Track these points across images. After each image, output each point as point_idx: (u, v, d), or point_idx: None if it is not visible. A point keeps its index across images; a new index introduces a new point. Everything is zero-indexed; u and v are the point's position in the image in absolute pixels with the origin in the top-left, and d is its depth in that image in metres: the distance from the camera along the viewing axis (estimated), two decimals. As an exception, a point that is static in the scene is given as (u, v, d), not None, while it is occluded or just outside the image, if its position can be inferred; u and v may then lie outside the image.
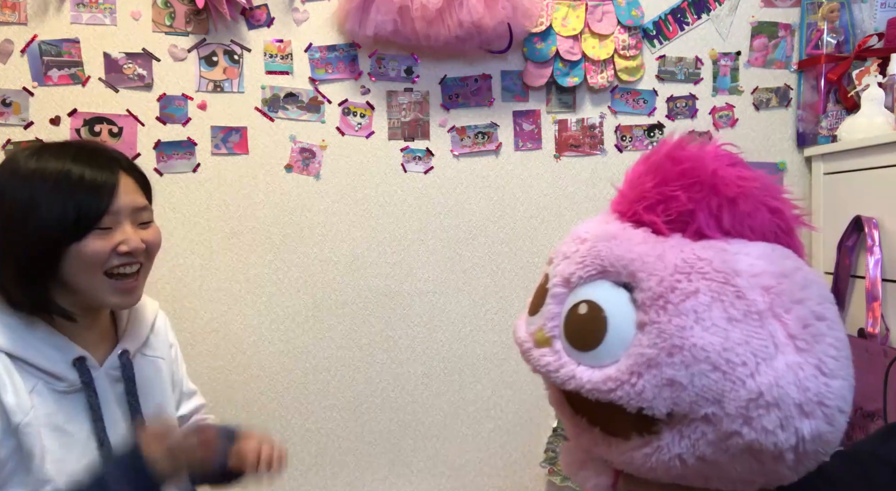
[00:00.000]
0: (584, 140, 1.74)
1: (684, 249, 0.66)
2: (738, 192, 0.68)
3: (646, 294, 0.64)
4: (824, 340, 0.62)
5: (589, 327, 0.67)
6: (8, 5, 1.53)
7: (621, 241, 0.70)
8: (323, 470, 1.71)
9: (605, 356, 0.65)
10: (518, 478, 1.78)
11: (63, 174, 0.95)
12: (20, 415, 0.93)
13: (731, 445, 0.61)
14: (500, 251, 1.73)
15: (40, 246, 0.94)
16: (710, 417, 0.61)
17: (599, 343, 0.66)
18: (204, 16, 1.60)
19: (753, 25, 1.76)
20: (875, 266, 1.43)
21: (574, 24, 1.68)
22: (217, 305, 1.65)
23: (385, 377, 1.72)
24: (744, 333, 0.61)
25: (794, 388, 0.60)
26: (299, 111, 1.65)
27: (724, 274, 0.63)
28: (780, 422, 0.60)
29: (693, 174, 0.69)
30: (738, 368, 0.60)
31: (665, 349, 0.62)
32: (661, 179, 0.70)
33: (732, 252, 0.66)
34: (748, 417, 0.60)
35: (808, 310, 0.63)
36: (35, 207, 0.93)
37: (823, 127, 1.70)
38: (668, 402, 0.62)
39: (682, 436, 0.63)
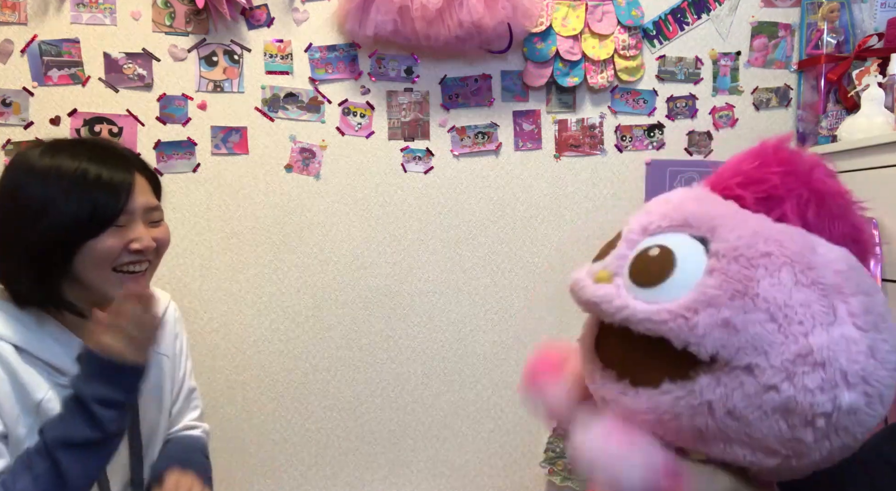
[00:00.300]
0: (584, 140, 1.74)
1: (767, 222, 0.70)
2: (829, 193, 0.71)
3: (722, 245, 0.66)
4: (882, 332, 0.64)
5: (655, 266, 0.68)
6: (8, 5, 1.53)
7: (709, 202, 0.73)
8: (323, 470, 1.71)
9: (664, 294, 0.67)
10: (518, 478, 1.78)
11: (79, 173, 0.96)
12: (41, 392, 0.94)
13: (766, 401, 0.62)
14: (500, 251, 1.73)
15: (57, 242, 0.95)
16: (752, 367, 0.63)
17: (663, 281, 0.67)
18: (204, 16, 1.60)
19: (753, 25, 1.76)
20: (875, 266, 1.43)
21: (574, 24, 1.68)
22: (217, 305, 1.65)
23: (385, 377, 1.72)
24: (807, 297, 0.63)
25: (844, 356, 0.61)
26: (299, 111, 1.65)
27: (801, 246, 0.66)
28: (821, 383, 0.61)
29: (791, 164, 0.72)
30: (795, 325, 0.62)
31: (728, 292, 0.63)
32: (762, 163, 0.74)
33: (812, 238, 0.69)
34: (791, 372, 0.61)
35: (872, 302, 0.65)
36: (51, 205, 0.94)
37: (823, 127, 1.70)
38: (717, 343, 0.63)
39: (718, 383, 0.64)
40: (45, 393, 0.95)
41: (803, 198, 0.71)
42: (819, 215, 0.71)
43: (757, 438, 0.64)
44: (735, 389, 0.63)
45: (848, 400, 0.61)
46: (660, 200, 0.77)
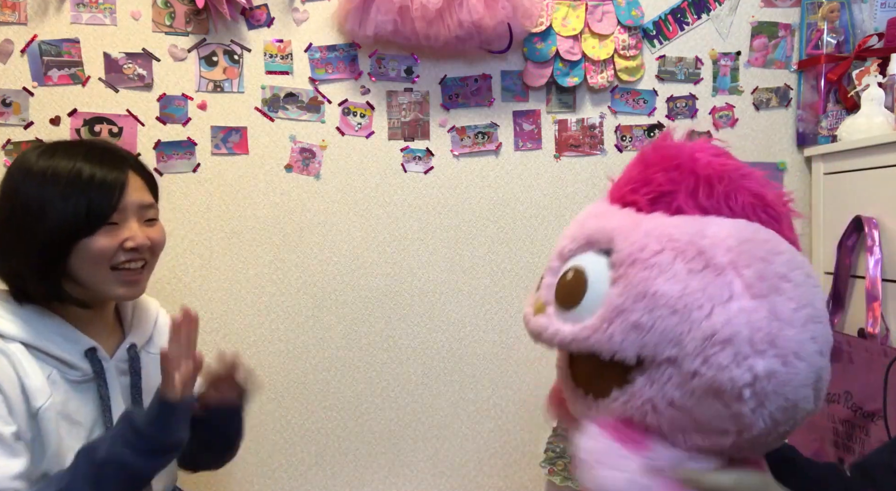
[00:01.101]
0: (584, 140, 1.74)
1: (659, 220, 0.74)
2: (715, 173, 0.75)
3: (619, 254, 0.72)
4: (783, 293, 0.68)
5: (572, 288, 0.75)
6: (8, 5, 1.53)
7: (606, 216, 0.78)
8: (323, 470, 1.71)
9: (584, 312, 0.73)
10: (518, 478, 1.78)
11: (74, 173, 0.97)
12: (41, 399, 0.95)
13: (695, 387, 0.67)
14: (500, 251, 1.73)
15: (53, 241, 0.96)
16: (672, 359, 0.68)
17: (580, 301, 0.74)
18: (204, 16, 1.60)
19: (753, 25, 1.76)
20: (875, 266, 1.43)
21: (574, 24, 1.68)
22: (217, 305, 1.65)
23: (385, 377, 1.72)
24: (702, 282, 0.68)
25: (745, 327, 0.65)
26: (299, 111, 1.65)
27: (690, 235, 0.70)
28: (733, 357, 0.65)
29: (673, 159, 0.76)
30: (695, 312, 0.67)
31: (631, 297, 0.69)
32: (645, 165, 0.78)
33: (705, 222, 0.73)
34: (705, 355, 0.66)
35: (769, 268, 0.69)
36: (47, 205, 0.96)
37: (823, 127, 1.70)
38: (635, 345, 0.69)
39: (651, 381, 0.70)
40: (44, 401, 0.95)
41: (691, 186, 0.74)
42: (711, 197, 0.74)
43: (703, 423, 0.69)
44: (666, 383, 0.69)
45: (763, 367, 0.64)
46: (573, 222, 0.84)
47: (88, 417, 1.02)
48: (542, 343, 0.78)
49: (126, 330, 1.12)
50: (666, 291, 0.68)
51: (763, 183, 0.77)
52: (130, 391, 1.09)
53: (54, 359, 0.99)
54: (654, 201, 0.76)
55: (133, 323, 1.13)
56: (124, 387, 1.08)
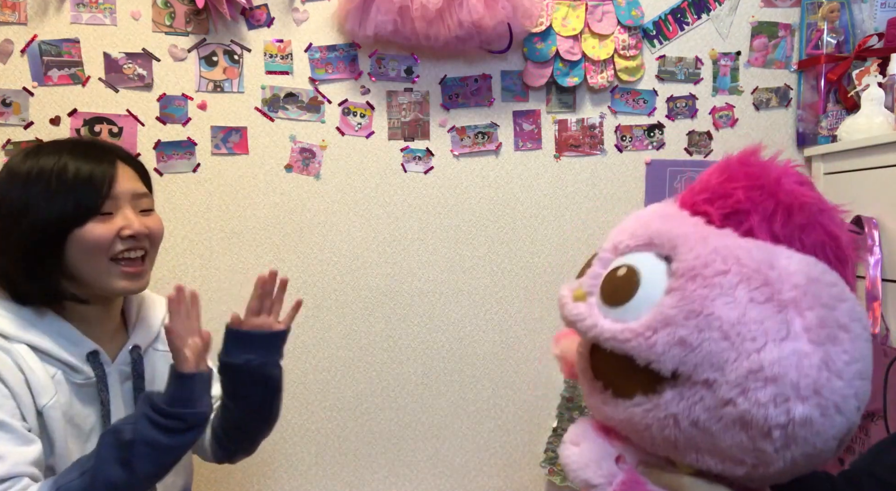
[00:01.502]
0: (584, 140, 1.74)
1: (729, 238, 0.71)
2: (796, 203, 0.72)
3: (681, 264, 0.69)
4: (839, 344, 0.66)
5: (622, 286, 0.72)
6: (8, 5, 1.53)
7: (674, 220, 0.75)
8: (323, 470, 1.71)
9: (630, 313, 0.71)
10: (518, 478, 1.78)
11: (58, 170, 0.96)
12: (45, 397, 0.95)
13: (725, 414, 0.65)
14: (499, 251, 1.73)
15: (42, 237, 0.95)
16: (710, 382, 0.66)
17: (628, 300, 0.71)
18: (204, 16, 1.60)
19: (753, 25, 1.76)
20: (875, 266, 1.43)
21: (574, 24, 1.68)
22: (217, 305, 1.65)
23: (385, 377, 1.72)
24: (761, 313, 0.65)
25: (794, 370, 0.63)
26: (299, 111, 1.65)
27: (759, 262, 0.68)
28: (773, 397, 0.63)
29: (757, 177, 0.74)
30: (747, 342, 0.64)
31: (684, 311, 0.66)
32: (727, 177, 0.75)
33: (775, 251, 0.70)
34: (745, 388, 0.64)
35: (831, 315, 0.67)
36: (31, 204, 0.95)
37: (823, 127, 1.70)
38: (676, 360, 0.66)
39: (681, 397, 0.68)
40: (48, 399, 0.95)
41: (769, 210, 0.72)
42: (787, 226, 0.72)
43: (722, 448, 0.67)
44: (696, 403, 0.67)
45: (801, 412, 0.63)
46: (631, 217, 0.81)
47: (88, 421, 1.02)
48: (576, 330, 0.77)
49: (129, 331, 1.11)
50: (722, 315, 0.66)
51: (838, 222, 0.74)
52: (133, 395, 1.08)
53: (58, 361, 0.98)
54: (726, 217, 0.73)
55: (137, 323, 1.12)
56: (126, 392, 1.07)
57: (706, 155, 1.77)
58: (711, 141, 1.77)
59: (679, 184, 1.76)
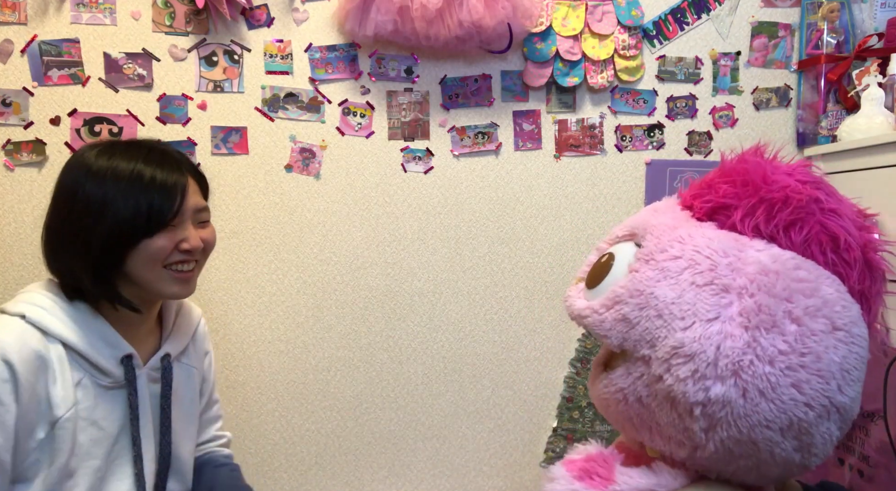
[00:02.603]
0: (584, 140, 1.74)
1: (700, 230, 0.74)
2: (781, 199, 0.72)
3: (643, 250, 0.74)
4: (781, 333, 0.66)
5: (599, 270, 0.78)
6: (8, 5, 1.53)
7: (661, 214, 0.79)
8: (323, 470, 1.71)
9: (598, 293, 0.76)
10: (518, 478, 1.78)
11: (136, 174, 0.99)
12: (62, 409, 0.97)
13: (658, 390, 0.70)
14: (499, 251, 1.73)
15: (114, 240, 0.98)
16: (646, 359, 0.70)
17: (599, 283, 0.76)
18: (204, 16, 1.60)
19: (753, 25, 1.76)
20: (877, 273, 1.43)
21: (574, 24, 1.68)
22: (217, 305, 1.65)
23: (385, 377, 1.72)
24: (697, 296, 0.69)
25: (713, 349, 0.66)
26: (299, 111, 1.65)
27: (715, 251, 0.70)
28: (691, 373, 0.66)
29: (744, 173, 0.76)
30: (676, 320, 0.68)
31: (630, 291, 0.71)
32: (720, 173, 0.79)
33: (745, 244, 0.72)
34: (670, 364, 0.68)
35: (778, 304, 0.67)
36: (109, 204, 0.98)
37: (823, 127, 1.70)
38: (620, 336, 0.72)
39: (628, 373, 0.73)
40: (65, 412, 0.97)
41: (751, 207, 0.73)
42: (769, 222, 0.72)
43: (661, 427, 0.71)
44: (638, 379, 0.72)
45: (716, 391, 0.65)
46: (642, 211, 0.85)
47: (115, 424, 1.03)
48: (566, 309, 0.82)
49: (164, 338, 1.14)
50: (660, 295, 0.69)
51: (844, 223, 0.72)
52: (160, 401, 1.10)
53: (88, 363, 1.00)
54: (711, 211, 0.76)
55: (172, 332, 1.15)
56: (153, 395, 1.09)
57: (706, 155, 1.77)
58: (711, 141, 1.77)
59: (679, 184, 1.76)
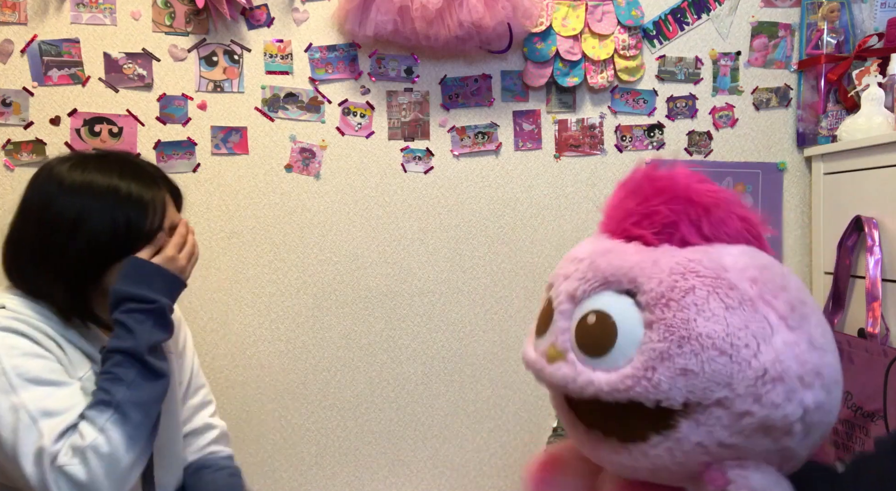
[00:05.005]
0: (584, 140, 1.74)
1: (675, 254, 0.72)
2: (711, 202, 0.75)
3: (649, 295, 0.69)
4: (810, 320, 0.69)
5: (600, 334, 0.71)
6: (8, 5, 1.53)
7: (617, 253, 0.75)
8: (323, 470, 1.71)
9: (618, 358, 0.69)
10: (518, 478, 1.77)
11: (112, 189, 0.99)
12: (82, 370, 1.00)
13: (745, 426, 0.66)
14: (500, 251, 1.73)
15: (91, 257, 0.98)
16: (722, 401, 0.65)
17: (612, 347, 0.70)
18: (204, 16, 1.60)
19: (753, 25, 1.76)
20: (875, 266, 1.43)
21: (574, 24, 1.68)
22: (217, 305, 1.65)
23: (385, 377, 1.72)
24: (742, 318, 0.66)
25: (794, 362, 0.65)
26: (299, 111, 1.65)
27: (714, 269, 0.69)
28: (785, 395, 0.64)
29: (670, 190, 0.76)
30: (742, 350, 0.65)
31: (675, 341, 0.66)
32: (643, 198, 0.77)
33: (716, 253, 0.72)
34: (757, 395, 0.64)
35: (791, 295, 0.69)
36: (85, 220, 0.97)
37: (823, 127, 1.70)
38: (683, 390, 0.66)
39: (698, 424, 0.67)
40: (84, 372, 1.00)
41: (692, 216, 0.74)
42: (712, 223, 0.74)
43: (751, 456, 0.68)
44: (714, 425, 0.66)
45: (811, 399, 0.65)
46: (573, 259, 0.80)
47: None
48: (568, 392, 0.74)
49: None
50: (710, 332, 0.65)
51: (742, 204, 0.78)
52: None
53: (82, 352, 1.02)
54: (658, 234, 0.75)
55: None
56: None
57: (706, 155, 1.77)
58: (711, 141, 1.77)
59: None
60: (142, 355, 0.95)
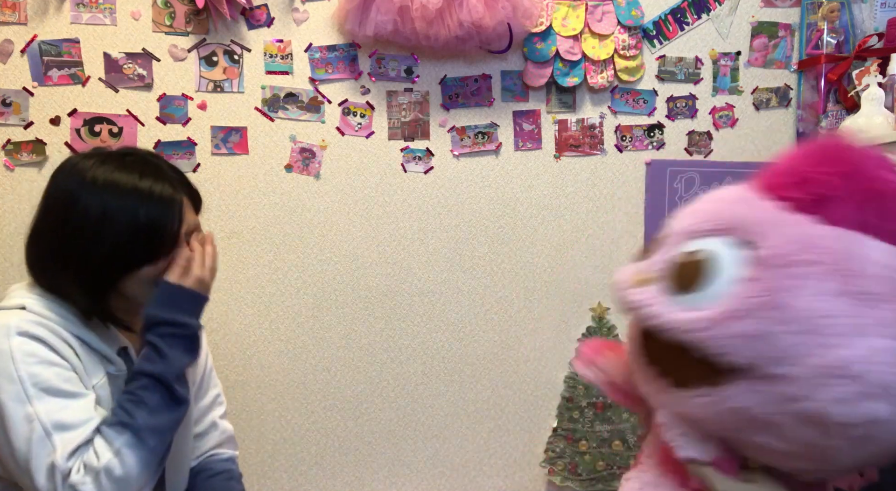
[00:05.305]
0: (584, 140, 1.74)
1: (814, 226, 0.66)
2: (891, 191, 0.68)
3: (765, 252, 0.64)
4: None
5: (694, 272, 0.68)
6: (8, 5, 1.53)
7: (752, 205, 0.71)
8: (323, 470, 1.71)
9: (702, 301, 0.66)
10: (518, 478, 1.78)
11: (133, 188, 0.99)
12: (96, 378, 1.00)
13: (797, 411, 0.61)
14: (500, 251, 1.73)
15: (113, 260, 0.99)
16: (784, 377, 0.62)
17: (700, 288, 0.67)
18: (204, 16, 1.60)
19: (753, 25, 1.76)
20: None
21: (574, 24, 1.68)
22: (217, 305, 1.65)
23: (385, 377, 1.72)
24: (850, 307, 0.61)
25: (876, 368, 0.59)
26: (299, 111, 1.65)
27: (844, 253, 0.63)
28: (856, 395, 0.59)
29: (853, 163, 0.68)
30: (828, 337, 0.61)
31: (767, 303, 0.62)
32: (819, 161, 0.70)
33: (860, 241, 0.65)
34: (823, 384, 0.60)
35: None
36: (109, 218, 0.97)
37: (823, 127, 1.70)
38: (752, 352, 0.62)
39: (752, 390, 0.63)
40: (98, 379, 1.00)
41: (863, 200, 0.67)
42: (878, 211, 0.67)
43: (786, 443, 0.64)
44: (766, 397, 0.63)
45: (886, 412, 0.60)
46: (708, 200, 0.75)
47: None
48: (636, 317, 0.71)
49: None
50: (807, 307, 0.61)
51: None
52: None
53: (98, 353, 1.02)
54: (815, 203, 0.67)
55: None
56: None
57: (706, 155, 1.77)
58: (711, 141, 1.77)
59: (678, 184, 1.76)
60: (169, 382, 0.96)
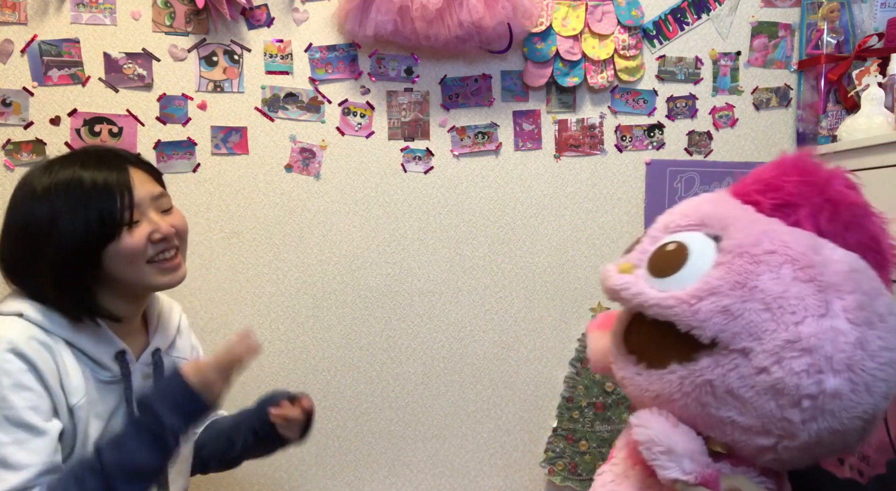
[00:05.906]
0: (584, 140, 1.74)
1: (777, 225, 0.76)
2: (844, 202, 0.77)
3: (731, 242, 0.74)
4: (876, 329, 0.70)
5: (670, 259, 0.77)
6: (8, 5, 1.53)
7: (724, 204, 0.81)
8: (323, 470, 1.71)
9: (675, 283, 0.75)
10: (518, 478, 1.78)
11: (75, 182, 0.98)
12: (76, 397, 0.98)
13: (759, 381, 0.69)
14: (499, 251, 1.73)
15: (77, 254, 0.98)
16: (747, 351, 0.70)
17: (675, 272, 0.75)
18: (204, 16, 1.60)
19: (753, 25, 1.76)
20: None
21: (574, 24, 1.68)
22: (217, 305, 1.65)
23: (385, 377, 1.72)
24: (803, 290, 0.70)
25: (829, 344, 0.67)
26: (299, 111, 1.65)
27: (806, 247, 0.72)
28: (807, 367, 0.67)
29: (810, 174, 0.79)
30: (787, 315, 0.69)
31: (730, 283, 0.71)
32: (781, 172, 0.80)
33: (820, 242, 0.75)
34: (781, 357, 0.68)
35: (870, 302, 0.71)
36: (57, 221, 0.97)
37: (823, 127, 1.70)
38: (717, 327, 0.70)
39: (717, 364, 0.72)
40: (79, 399, 0.98)
41: (817, 206, 0.76)
42: (832, 223, 0.76)
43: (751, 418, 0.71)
44: (732, 370, 0.71)
45: (832, 385, 0.67)
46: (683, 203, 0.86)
47: (116, 420, 1.05)
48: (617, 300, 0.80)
49: (151, 335, 1.15)
50: (766, 288, 0.69)
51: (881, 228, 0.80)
52: None
53: (89, 358, 1.01)
54: (776, 208, 0.78)
55: (158, 328, 1.16)
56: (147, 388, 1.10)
57: (706, 155, 1.77)
58: (711, 141, 1.77)
59: (678, 184, 1.76)
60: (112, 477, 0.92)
